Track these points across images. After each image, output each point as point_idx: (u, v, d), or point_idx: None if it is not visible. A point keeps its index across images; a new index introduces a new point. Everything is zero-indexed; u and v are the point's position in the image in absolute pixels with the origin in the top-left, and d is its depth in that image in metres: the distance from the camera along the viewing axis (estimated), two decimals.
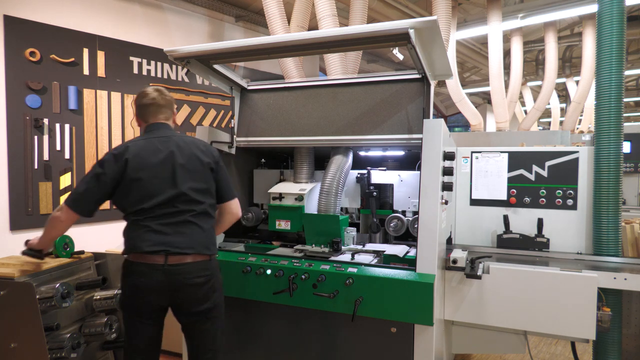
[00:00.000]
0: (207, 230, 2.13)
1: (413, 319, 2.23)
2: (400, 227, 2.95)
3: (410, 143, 2.64)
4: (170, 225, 2.05)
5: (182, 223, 2.07)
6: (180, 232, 2.05)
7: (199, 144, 2.22)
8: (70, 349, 2.32)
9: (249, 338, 2.69)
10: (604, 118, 2.62)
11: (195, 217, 2.09)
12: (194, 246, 2.06)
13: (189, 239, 2.05)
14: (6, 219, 3.74)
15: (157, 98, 2.22)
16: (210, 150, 2.24)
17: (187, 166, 2.11)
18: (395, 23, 2.11)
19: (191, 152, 2.14)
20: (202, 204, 2.11)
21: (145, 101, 2.22)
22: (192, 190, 2.09)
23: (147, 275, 2.03)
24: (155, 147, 2.12)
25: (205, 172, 2.15)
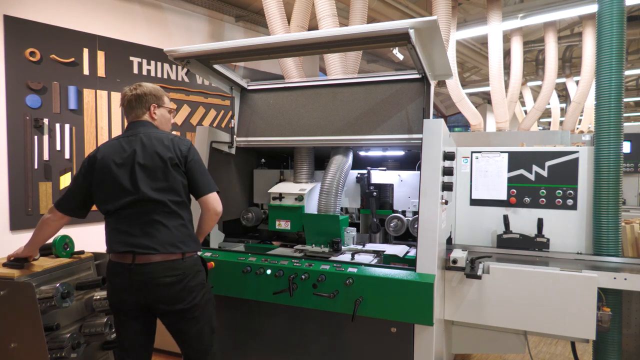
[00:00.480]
0: (174, 229, 2.05)
1: (413, 319, 2.23)
2: (400, 227, 2.95)
3: (410, 143, 2.64)
4: (136, 226, 2.04)
5: (147, 223, 2.03)
6: (146, 232, 2.02)
7: (163, 139, 2.11)
8: (70, 349, 2.32)
9: (249, 338, 2.69)
10: (604, 118, 2.62)
11: (161, 216, 2.04)
12: (160, 246, 2.01)
13: (154, 238, 2.02)
14: (6, 219, 3.74)
15: (128, 96, 2.18)
16: (177, 144, 2.11)
17: (147, 165, 2.05)
18: (395, 23, 2.11)
19: (153, 150, 2.06)
20: (165, 203, 2.04)
21: (121, 102, 2.22)
22: (152, 191, 2.03)
23: (119, 275, 2.06)
24: (121, 148, 2.10)
25: (167, 169, 2.05)
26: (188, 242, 2.08)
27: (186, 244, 2.07)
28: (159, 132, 2.16)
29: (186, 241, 2.07)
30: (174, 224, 2.06)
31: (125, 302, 2.08)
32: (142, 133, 2.12)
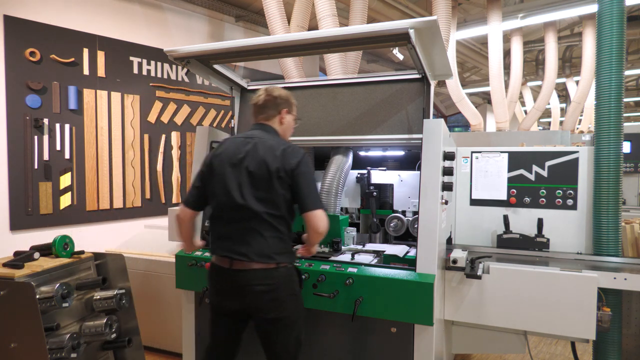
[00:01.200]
0: (269, 239, 2.03)
1: (413, 319, 2.23)
2: (400, 227, 2.95)
3: (410, 143, 2.64)
4: (235, 231, 2.05)
5: (246, 230, 2.04)
6: (244, 239, 2.03)
7: (276, 148, 2.06)
8: (70, 349, 2.32)
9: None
10: (604, 118, 2.62)
11: (259, 225, 2.03)
12: (255, 255, 2.01)
13: (250, 247, 2.02)
14: (6, 219, 3.74)
15: (264, 97, 2.22)
16: (288, 156, 2.04)
17: (254, 172, 2.03)
18: (395, 23, 2.11)
19: (262, 158, 2.03)
20: (263, 214, 2.02)
21: (255, 101, 2.25)
22: (254, 200, 2.02)
23: (219, 278, 2.10)
24: (237, 149, 2.11)
25: (270, 181, 2.02)
26: (282, 254, 2.07)
27: (280, 255, 2.06)
28: (275, 139, 2.13)
29: (281, 253, 2.06)
30: (270, 235, 2.04)
31: (223, 304, 2.13)
32: (259, 137, 2.12)
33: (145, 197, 4.78)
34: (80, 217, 4.22)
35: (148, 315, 3.45)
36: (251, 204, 2.01)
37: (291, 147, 2.10)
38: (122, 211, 4.56)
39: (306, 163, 2.07)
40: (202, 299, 2.64)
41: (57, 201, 4.04)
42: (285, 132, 2.26)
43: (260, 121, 2.22)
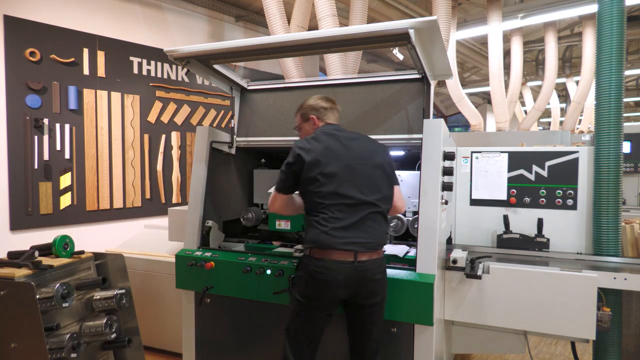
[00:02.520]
0: (382, 230, 2.21)
1: (413, 319, 2.23)
2: (400, 227, 2.95)
3: (410, 143, 2.64)
4: (359, 224, 2.15)
5: (367, 222, 2.16)
6: (365, 230, 2.14)
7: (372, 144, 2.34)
8: (70, 349, 2.32)
9: (249, 338, 2.69)
10: (604, 118, 2.62)
11: (375, 217, 2.18)
12: (377, 245, 2.16)
13: (372, 236, 2.14)
14: (6, 219, 3.74)
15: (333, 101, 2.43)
16: (386, 151, 2.33)
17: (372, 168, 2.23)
18: (395, 23, 2.11)
19: (371, 154, 2.27)
20: (378, 207, 2.19)
21: (329, 102, 2.41)
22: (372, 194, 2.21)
23: (337, 272, 2.11)
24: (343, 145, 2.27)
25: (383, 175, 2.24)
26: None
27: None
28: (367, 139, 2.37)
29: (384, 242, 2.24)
30: (383, 226, 2.22)
31: (333, 298, 2.14)
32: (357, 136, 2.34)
33: (145, 197, 4.78)
34: (80, 217, 4.22)
35: (148, 315, 3.45)
36: (371, 199, 2.16)
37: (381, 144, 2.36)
38: (122, 211, 4.56)
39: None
40: (202, 299, 2.65)
41: (57, 201, 4.04)
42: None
43: (334, 122, 2.39)
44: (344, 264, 2.08)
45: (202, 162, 2.91)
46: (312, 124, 2.39)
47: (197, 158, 2.93)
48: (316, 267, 2.10)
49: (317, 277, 2.10)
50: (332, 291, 2.10)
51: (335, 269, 2.08)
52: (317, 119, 2.37)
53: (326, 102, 2.40)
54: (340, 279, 2.08)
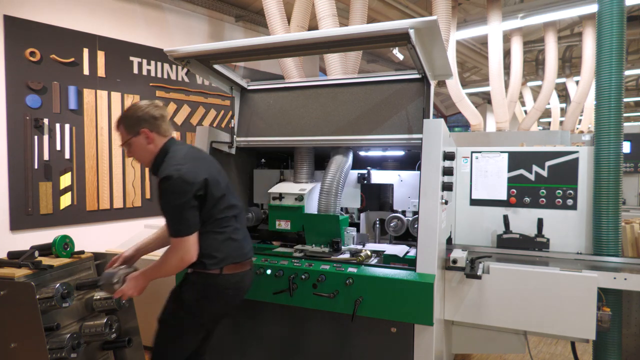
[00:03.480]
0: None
1: (413, 319, 2.23)
2: (400, 227, 2.95)
3: (410, 143, 2.64)
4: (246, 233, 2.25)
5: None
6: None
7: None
8: (70, 349, 2.32)
9: (249, 338, 2.69)
10: (604, 118, 2.62)
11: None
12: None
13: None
14: (6, 219, 3.74)
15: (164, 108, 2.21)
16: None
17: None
18: (395, 23, 2.11)
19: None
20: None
21: (164, 113, 2.14)
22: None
23: (247, 281, 2.19)
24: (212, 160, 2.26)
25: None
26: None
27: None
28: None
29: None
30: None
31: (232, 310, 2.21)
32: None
33: (145, 197, 4.78)
34: (80, 217, 4.21)
35: (148, 315, 3.44)
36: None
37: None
38: (122, 211, 4.56)
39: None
40: None
41: (57, 201, 4.04)
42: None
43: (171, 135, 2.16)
44: (248, 274, 2.16)
45: None
46: (146, 139, 2.06)
47: None
48: (230, 283, 2.07)
49: (229, 293, 2.08)
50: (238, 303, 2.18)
51: (246, 280, 2.15)
52: (150, 132, 2.05)
53: (156, 109, 2.08)
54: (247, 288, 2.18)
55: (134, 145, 2.08)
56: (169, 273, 2.04)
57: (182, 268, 2.00)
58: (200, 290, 2.04)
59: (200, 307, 2.06)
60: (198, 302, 2.05)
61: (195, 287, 2.05)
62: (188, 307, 2.07)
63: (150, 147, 2.07)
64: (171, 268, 2.00)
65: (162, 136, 2.09)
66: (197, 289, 2.04)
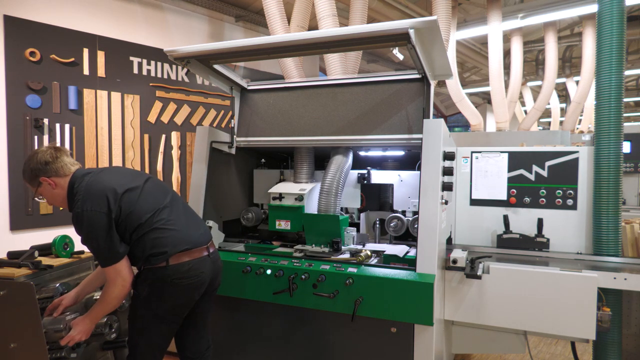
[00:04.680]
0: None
1: (413, 319, 2.23)
2: (400, 227, 2.95)
3: (410, 143, 2.64)
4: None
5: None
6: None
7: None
8: (70, 349, 2.32)
9: (249, 338, 2.69)
10: (604, 118, 2.62)
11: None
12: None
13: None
14: (6, 219, 3.74)
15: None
16: None
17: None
18: (395, 23, 2.11)
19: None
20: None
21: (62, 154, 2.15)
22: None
23: (204, 268, 2.18)
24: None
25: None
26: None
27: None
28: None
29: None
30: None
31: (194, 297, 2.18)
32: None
33: None
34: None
35: None
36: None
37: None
38: None
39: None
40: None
41: None
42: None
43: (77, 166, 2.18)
44: (204, 261, 2.17)
45: (202, 162, 2.91)
46: (49, 185, 2.08)
47: (197, 158, 2.93)
48: (179, 272, 2.07)
49: (182, 283, 2.08)
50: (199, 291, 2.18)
51: (202, 267, 2.15)
52: (49, 178, 2.07)
53: (45, 153, 2.07)
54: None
55: (44, 194, 2.13)
56: (114, 305, 2.10)
57: (125, 294, 2.07)
58: (151, 284, 2.07)
59: (155, 301, 2.09)
60: (152, 296, 2.08)
61: (146, 282, 2.08)
62: (144, 302, 2.10)
63: (57, 191, 2.10)
64: (115, 300, 2.06)
65: (63, 176, 2.10)
66: (149, 283, 2.07)
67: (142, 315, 2.12)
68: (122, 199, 2.01)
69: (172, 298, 2.08)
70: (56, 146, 2.14)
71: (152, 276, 2.07)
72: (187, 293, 2.10)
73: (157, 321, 2.12)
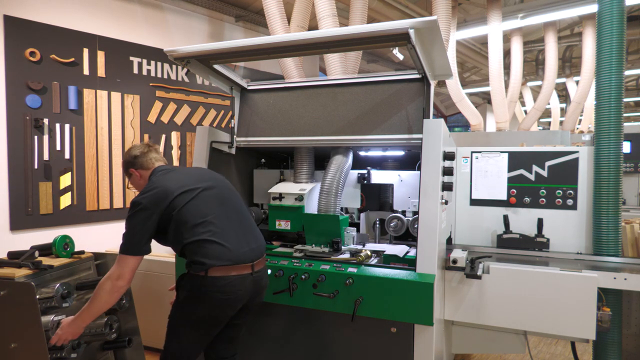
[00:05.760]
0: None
1: (413, 319, 2.23)
2: (400, 227, 2.95)
3: (410, 143, 2.64)
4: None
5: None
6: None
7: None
8: (71, 349, 2.32)
9: (249, 338, 2.69)
10: (604, 118, 2.62)
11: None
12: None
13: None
14: (6, 219, 3.74)
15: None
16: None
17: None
18: (395, 23, 2.11)
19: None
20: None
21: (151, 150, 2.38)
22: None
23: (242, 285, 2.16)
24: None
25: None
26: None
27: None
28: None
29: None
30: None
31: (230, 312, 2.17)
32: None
33: None
34: (80, 217, 4.21)
35: (148, 315, 3.45)
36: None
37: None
38: (122, 211, 4.55)
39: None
40: None
41: (57, 201, 4.04)
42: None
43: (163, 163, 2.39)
44: (244, 279, 2.14)
45: (202, 162, 2.91)
46: (136, 176, 2.33)
47: (197, 158, 2.93)
48: (215, 286, 2.08)
49: (216, 296, 2.08)
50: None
51: (241, 285, 2.13)
52: (136, 170, 2.32)
53: (138, 149, 2.35)
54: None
55: (133, 184, 2.40)
56: (103, 303, 2.09)
57: (113, 294, 2.07)
58: (189, 290, 2.10)
59: (189, 307, 2.11)
60: (187, 301, 2.11)
61: (185, 287, 2.12)
62: (180, 306, 2.15)
63: (141, 182, 2.33)
64: (104, 293, 2.07)
65: (147, 169, 2.33)
66: (187, 288, 2.11)
67: (176, 317, 2.16)
68: (175, 199, 2.08)
69: (205, 308, 2.08)
70: (149, 143, 2.41)
71: (191, 283, 2.08)
72: (220, 307, 2.09)
73: (189, 326, 2.13)
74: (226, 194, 2.28)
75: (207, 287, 2.04)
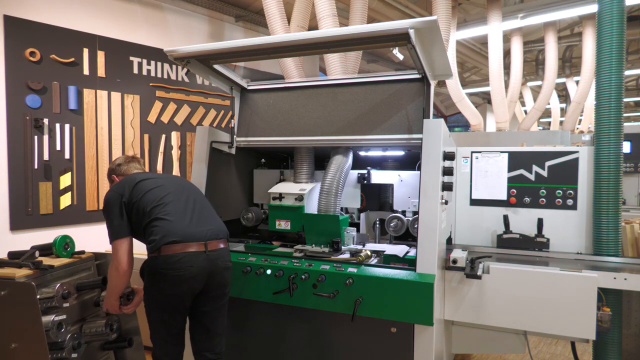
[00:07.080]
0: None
1: (413, 319, 2.23)
2: (400, 227, 2.95)
3: (410, 143, 2.64)
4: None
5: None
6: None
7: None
8: (71, 349, 2.32)
9: (249, 338, 2.69)
10: (604, 118, 2.62)
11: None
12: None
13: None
14: (6, 219, 3.74)
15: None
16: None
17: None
18: (395, 23, 2.11)
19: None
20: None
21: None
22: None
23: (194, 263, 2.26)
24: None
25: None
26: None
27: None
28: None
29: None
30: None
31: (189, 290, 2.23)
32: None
33: None
34: (81, 217, 4.21)
35: None
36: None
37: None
38: None
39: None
40: None
41: (57, 201, 4.04)
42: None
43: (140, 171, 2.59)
44: (196, 256, 2.23)
45: (202, 162, 2.91)
46: (115, 181, 2.55)
47: (197, 158, 2.93)
48: (167, 264, 2.18)
49: (169, 274, 2.18)
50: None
51: (193, 261, 2.21)
52: (117, 176, 2.55)
53: (122, 159, 2.60)
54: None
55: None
56: (114, 284, 2.34)
57: (120, 275, 2.28)
58: (148, 273, 2.24)
59: (150, 288, 2.25)
60: (148, 284, 2.26)
61: (145, 270, 2.28)
62: (146, 290, 2.29)
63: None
64: (113, 279, 2.32)
65: (122, 175, 2.54)
66: (147, 272, 2.26)
67: (146, 303, 2.28)
68: (136, 186, 2.29)
69: (163, 287, 2.18)
70: (134, 155, 2.66)
71: (148, 265, 2.22)
72: (175, 284, 2.17)
73: (157, 309, 2.24)
74: (192, 190, 2.46)
75: (160, 266, 2.16)
